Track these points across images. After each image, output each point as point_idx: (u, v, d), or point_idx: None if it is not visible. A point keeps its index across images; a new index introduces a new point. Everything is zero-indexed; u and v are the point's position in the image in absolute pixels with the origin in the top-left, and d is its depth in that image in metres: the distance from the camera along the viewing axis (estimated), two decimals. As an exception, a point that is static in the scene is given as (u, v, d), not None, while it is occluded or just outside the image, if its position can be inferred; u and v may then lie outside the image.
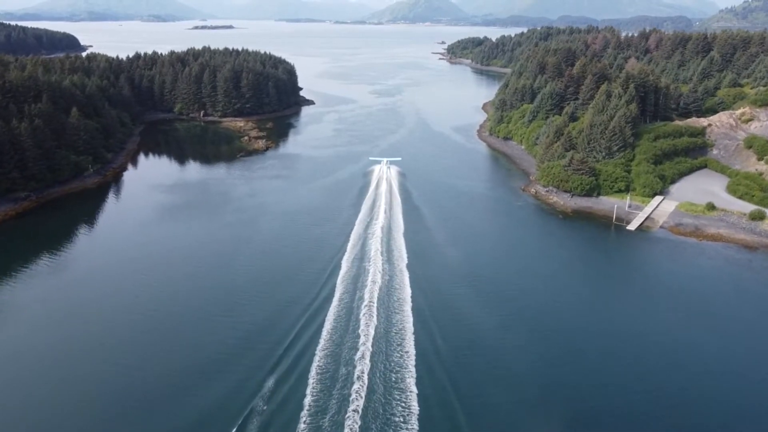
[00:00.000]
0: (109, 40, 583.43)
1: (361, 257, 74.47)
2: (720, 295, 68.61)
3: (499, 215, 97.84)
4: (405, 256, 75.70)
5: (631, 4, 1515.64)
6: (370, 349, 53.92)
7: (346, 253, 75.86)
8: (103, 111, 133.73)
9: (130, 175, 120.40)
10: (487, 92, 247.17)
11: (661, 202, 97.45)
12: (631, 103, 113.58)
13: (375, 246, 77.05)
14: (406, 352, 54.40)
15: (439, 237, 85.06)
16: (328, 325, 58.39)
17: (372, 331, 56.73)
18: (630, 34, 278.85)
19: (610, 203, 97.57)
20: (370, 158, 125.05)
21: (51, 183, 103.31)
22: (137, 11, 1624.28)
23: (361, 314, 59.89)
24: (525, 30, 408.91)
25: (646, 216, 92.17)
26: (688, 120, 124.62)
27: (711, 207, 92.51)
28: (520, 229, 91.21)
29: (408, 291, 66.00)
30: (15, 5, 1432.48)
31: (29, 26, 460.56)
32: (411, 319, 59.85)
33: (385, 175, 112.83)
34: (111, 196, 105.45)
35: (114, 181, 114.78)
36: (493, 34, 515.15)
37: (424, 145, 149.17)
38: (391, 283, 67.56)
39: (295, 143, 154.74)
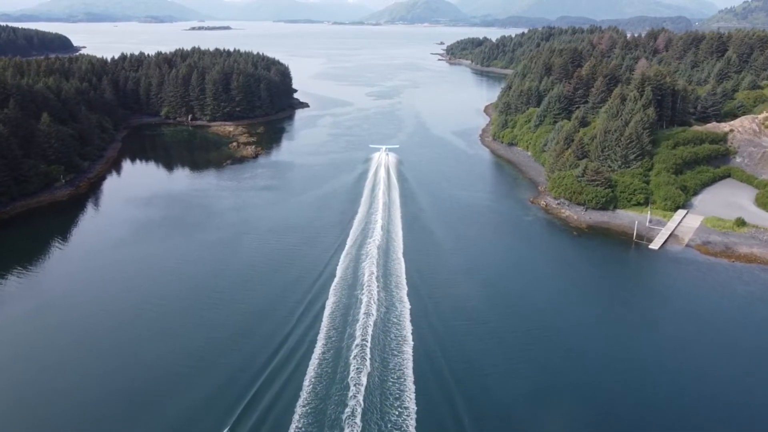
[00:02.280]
0: (103, 41, 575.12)
1: (353, 283, 65.48)
2: (763, 327, 59.96)
3: (507, 231, 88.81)
4: (405, 282, 66.73)
5: (629, 5, 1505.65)
6: (362, 404, 45.17)
7: (335, 279, 66.85)
8: (80, 116, 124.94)
9: (106, 186, 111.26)
10: (488, 94, 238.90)
11: (684, 216, 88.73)
12: (649, 107, 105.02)
13: (369, 269, 68.09)
14: (406, 408, 45.57)
15: (443, 258, 76.21)
16: (310, 372, 49.49)
17: (364, 380, 47.90)
18: (637, 34, 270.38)
19: (629, 218, 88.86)
20: (371, 145, 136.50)
21: (16, 196, 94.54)
22: (135, 12, 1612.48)
23: (351, 357, 51.13)
24: (525, 30, 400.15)
25: (669, 233, 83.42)
26: (708, 125, 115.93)
27: (741, 223, 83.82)
28: (531, 248, 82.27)
29: (408, 327, 57.05)
30: (12, 6, 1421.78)
31: (23, 27, 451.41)
32: (411, 365, 50.97)
33: (383, 162, 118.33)
34: (82, 210, 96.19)
35: (89, 192, 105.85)
36: (492, 34, 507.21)
37: (423, 151, 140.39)
38: (388, 317, 58.68)
39: (287, 149, 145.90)
